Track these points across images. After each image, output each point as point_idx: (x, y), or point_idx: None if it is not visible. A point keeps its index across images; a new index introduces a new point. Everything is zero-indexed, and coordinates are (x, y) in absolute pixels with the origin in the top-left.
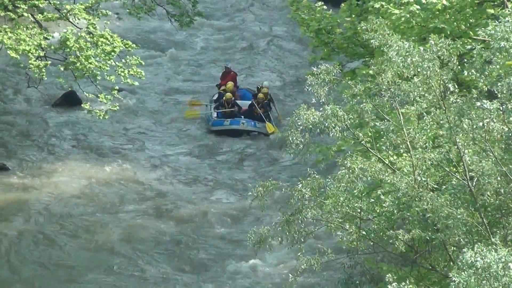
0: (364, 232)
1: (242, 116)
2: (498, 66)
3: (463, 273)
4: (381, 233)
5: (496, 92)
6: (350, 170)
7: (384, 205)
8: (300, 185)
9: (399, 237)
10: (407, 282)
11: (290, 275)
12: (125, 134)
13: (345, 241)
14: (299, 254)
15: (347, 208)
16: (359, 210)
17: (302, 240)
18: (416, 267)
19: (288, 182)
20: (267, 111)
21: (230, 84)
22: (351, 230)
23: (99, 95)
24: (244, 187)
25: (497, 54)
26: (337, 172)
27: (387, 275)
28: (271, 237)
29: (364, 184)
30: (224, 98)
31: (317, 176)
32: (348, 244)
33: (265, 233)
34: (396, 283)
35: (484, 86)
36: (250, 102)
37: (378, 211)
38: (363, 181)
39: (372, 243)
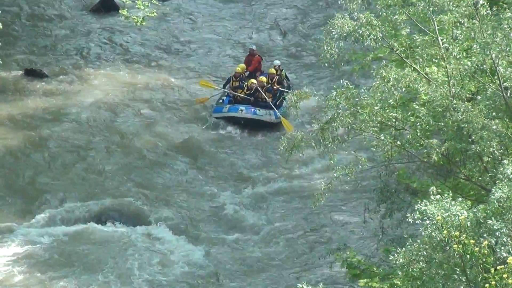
0: (399, 142)
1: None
2: None
3: (503, 186)
4: (416, 143)
5: None
6: (385, 80)
7: (419, 115)
8: (335, 93)
9: (434, 147)
10: (449, 193)
11: (322, 183)
12: (161, 42)
13: (380, 150)
14: (331, 162)
15: (381, 118)
16: (394, 120)
17: (335, 148)
18: (451, 177)
19: None
20: (276, 95)
21: (241, 66)
22: (386, 139)
23: (136, 1)
24: None
25: None
26: (372, 83)
27: (431, 188)
28: (305, 143)
29: (399, 94)
30: (232, 76)
31: (351, 86)
32: (383, 153)
33: (298, 138)
34: (439, 195)
35: None
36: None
37: (412, 121)
38: (397, 92)
39: (407, 153)
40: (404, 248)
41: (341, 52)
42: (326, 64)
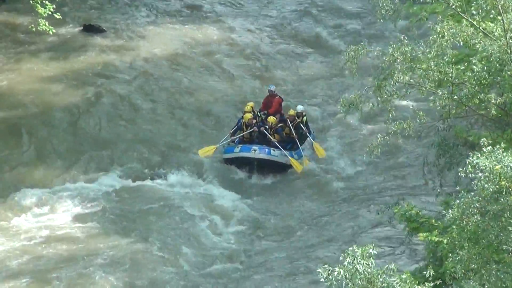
0: (456, 97)
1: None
2: None
3: None
4: (473, 97)
5: None
6: (441, 35)
7: (475, 68)
8: (391, 49)
9: (491, 100)
10: (501, 144)
11: (379, 134)
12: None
13: (437, 105)
14: (389, 116)
15: (438, 73)
16: (450, 75)
17: (394, 102)
18: (508, 130)
19: None
20: (289, 137)
21: (250, 104)
22: (444, 94)
23: None
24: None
25: None
26: (429, 38)
27: (482, 139)
28: (362, 102)
29: (455, 51)
30: (242, 121)
31: (407, 41)
32: (441, 108)
33: (356, 98)
34: (490, 147)
35: None
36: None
37: (469, 75)
38: (450, 48)
39: (464, 107)
40: (458, 201)
41: (397, 7)
42: (382, 20)
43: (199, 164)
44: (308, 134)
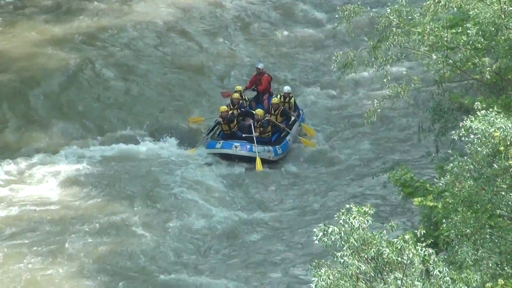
0: (451, 60)
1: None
2: None
3: None
4: (468, 61)
5: None
6: (436, 0)
7: (470, 32)
8: (388, 11)
9: (486, 65)
10: (495, 108)
11: (375, 100)
12: None
13: (432, 69)
14: (384, 80)
15: (433, 37)
16: (445, 39)
17: (389, 66)
18: (503, 95)
19: None
20: (276, 128)
21: (238, 87)
22: (438, 58)
23: None
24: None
25: None
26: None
27: (476, 103)
28: (357, 62)
29: (450, 15)
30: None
31: (404, 4)
32: (435, 72)
33: (351, 56)
34: (484, 111)
35: None
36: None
37: (464, 40)
38: (449, 12)
39: (459, 71)
40: (451, 164)
41: None
42: None
43: (192, 132)
44: (297, 117)
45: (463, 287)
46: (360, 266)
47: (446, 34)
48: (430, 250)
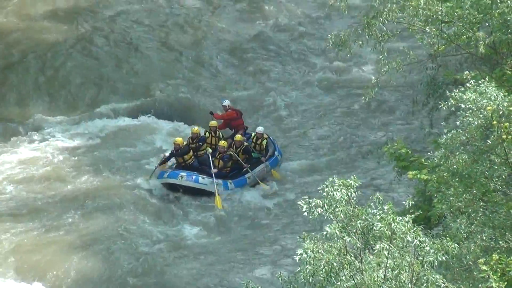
0: (445, 34)
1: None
2: None
3: None
4: (462, 35)
5: None
6: None
7: (464, 6)
8: None
9: (481, 38)
10: (486, 79)
11: (372, 77)
12: None
13: (426, 43)
14: (380, 56)
15: (427, 11)
16: (440, 12)
17: (383, 43)
18: (497, 69)
19: None
20: (238, 165)
21: (195, 129)
22: (433, 32)
23: None
24: None
25: None
26: None
27: (465, 72)
28: (352, 41)
29: None
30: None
31: None
32: (430, 46)
33: (345, 35)
34: (473, 80)
35: None
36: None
37: (459, 13)
38: None
39: (453, 45)
40: (444, 137)
41: None
42: None
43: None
44: (268, 159)
45: (443, 257)
46: (344, 237)
47: (441, 8)
48: (407, 219)
